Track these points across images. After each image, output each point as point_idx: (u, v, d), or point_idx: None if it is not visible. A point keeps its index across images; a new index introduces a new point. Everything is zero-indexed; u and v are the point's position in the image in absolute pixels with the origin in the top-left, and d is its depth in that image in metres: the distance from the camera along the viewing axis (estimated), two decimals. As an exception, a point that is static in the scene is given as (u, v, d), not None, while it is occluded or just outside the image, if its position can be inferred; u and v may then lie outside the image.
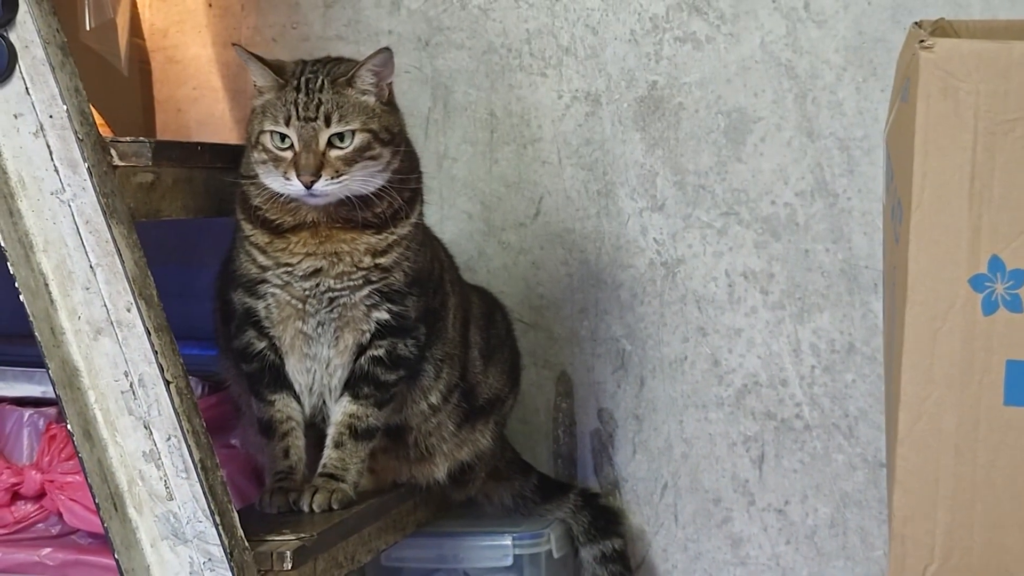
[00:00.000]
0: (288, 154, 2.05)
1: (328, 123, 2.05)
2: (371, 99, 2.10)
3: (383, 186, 2.09)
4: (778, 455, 2.61)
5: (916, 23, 2.00)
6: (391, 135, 2.10)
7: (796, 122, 2.57)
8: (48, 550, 2.23)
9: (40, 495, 2.25)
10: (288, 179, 2.04)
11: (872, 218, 2.54)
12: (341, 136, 2.06)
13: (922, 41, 1.81)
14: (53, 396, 2.17)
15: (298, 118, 2.05)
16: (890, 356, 2.01)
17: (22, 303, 1.87)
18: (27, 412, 2.26)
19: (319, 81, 2.08)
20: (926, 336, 1.83)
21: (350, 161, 2.05)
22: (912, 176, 1.82)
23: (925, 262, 1.82)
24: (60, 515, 2.25)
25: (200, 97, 2.79)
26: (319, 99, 2.06)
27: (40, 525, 2.27)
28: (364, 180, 2.07)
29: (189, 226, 2.41)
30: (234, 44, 2.18)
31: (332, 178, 2.04)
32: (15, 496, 2.25)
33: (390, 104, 2.12)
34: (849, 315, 2.57)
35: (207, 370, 2.35)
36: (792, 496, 2.60)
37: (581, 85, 2.64)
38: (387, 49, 2.09)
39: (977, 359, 1.82)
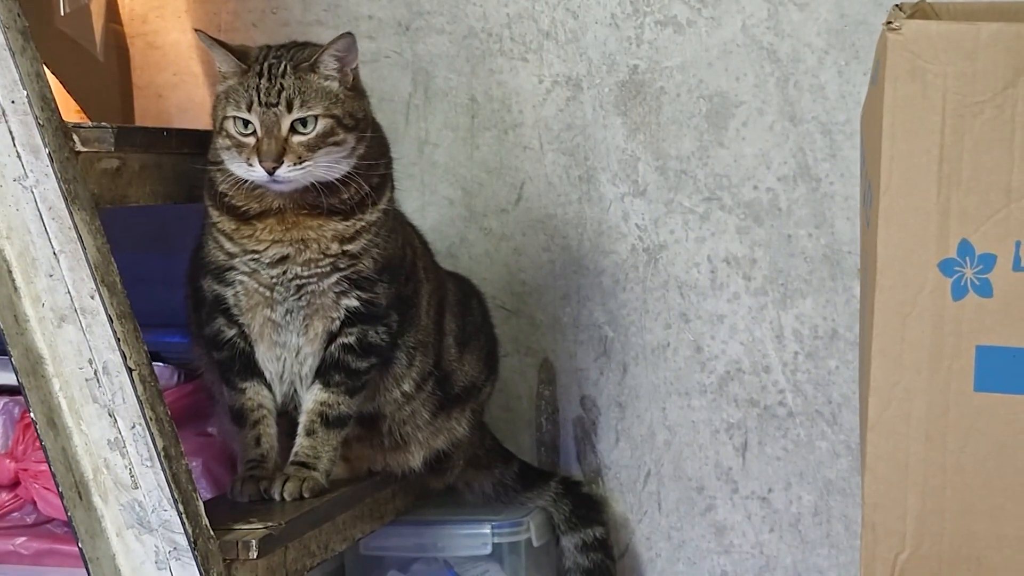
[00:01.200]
0: (251, 140, 2.04)
1: (290, 108, 2.03)
2: (335, 84, 2.08)
3: (349, 172, 2.07)
4: (761, 442, 2.59)
5: (897, 5, 1.98)
6: (355, 120, 2.08)
7: (778, 106, 2.54)
8: (23, 539, 2.23)
9: (15, 484, 2.25)
10: (251, 165, 2.03)
11: (854, 203, 2.52)
12: (304, 122, 2.04)
13: (890, 23, 1.79)
14: (25, 384, 2.17)
15: (260, 103, 2.04)
16: (863, 341, 1.99)
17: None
18: (1, 400, 2.25)
19: (282, 66, 2.06)
20: (895, 321, 1.81)
21: (312, 147, 2.04)
22: (880, 159, 1.80)
23: (894, 246, 1.80)
24: (35, 504, 2.24)
25: (180, 83, 2.78)
26: (281, 84, 2.04)
27: (15, 514, 2.26)
28: (328, 166, 2.05)
29: (168, 212, 2.40)
30: (196, 30, 2.17)
31: (294, 164, 2.02)
32: (-11, 485, 2.24)
33: (355, 89, 2.10)
34: (832, 301, 2.55)
35: (186, 358, 2.34)
36: (775, 484, 2.58)
37: (562, 70, 2.62)
38: (349, 34, 2.07)
39: (947, 344, 1.80)
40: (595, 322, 2.64)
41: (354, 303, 2.13)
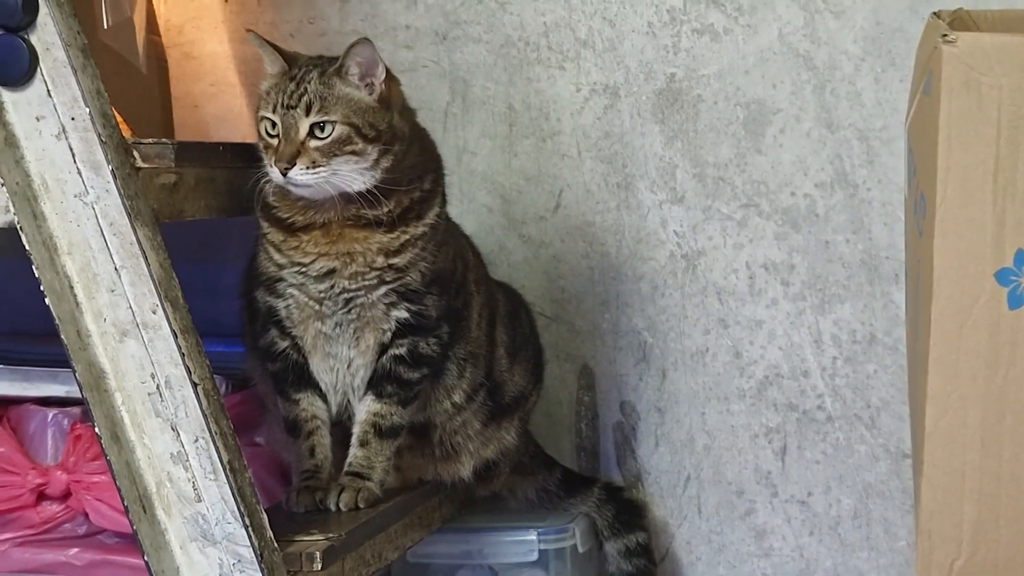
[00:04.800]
0: (275, 141, 2.06)
1: (308, 112, 2.05)
2: (359, 93, 2.09)
3: (377, 185, 2.07)
4: (800, 446, 2.61)
5: (935, 13, 1.99)
6: (376, 132, 2.08)
7: (815, 113, 2.56)
8: (75, 550, 2.23)
9: (66, 495, 2.26)
10: (271, 166, 2.05)
11: (892, 208, 2.54)
12: (322, 127, 2.05)
13: (945, 35, 1.81)
14: (77, 396, 2.17)
15: (282, 105, 2.06)
16: (914, 350, 2.01)
17: (43, 303, 1.87)
18: (51, 412, 2.27)
19: (312, 72, 2.08)
20: (951, 331, 1.83)
21: (328, 153, 2.04)
22: (936, 170, 1.82)
23: (950, 257, 1.82)
24: (86, 515, 2.26)
25: (217, 93, 2.79)
26: (305, 88, 2.06)
27: (66, 525, 2.27)
28: (348, 176, 2.05)
29: (209, 223, 2.42)
30: (249, 30, 2.19)
31: (307, 167, 2.03)
32: (41, 496, 2.25)
33: (383, 102, 2.10)
34: (870, 306, 2.57)
35: (231, 367, 2.35)
36: (815, 487, 2.60)
37: (599, 78, 2.64)
38: (365, 39, 2.08)
39: (1003, 353, 1.81)
40: (634, 328, 2.66)
41: (404, 314, 2.14)
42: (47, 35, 1.84)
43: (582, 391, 2.69)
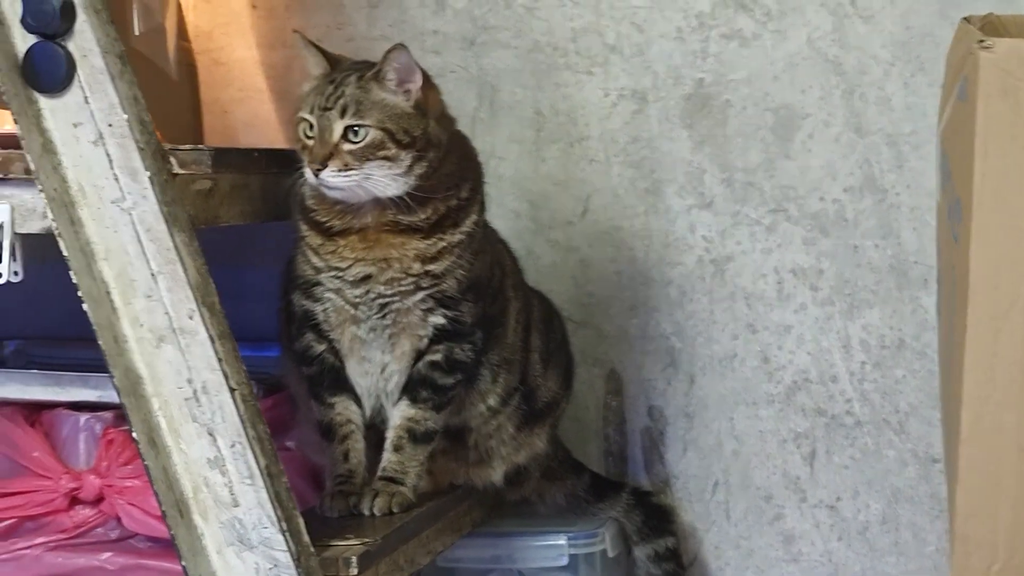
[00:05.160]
0: (311, 142, 2.07)
1: (343, 115, 2.06)
2: (395, 99, 2.09)
3: (412, 192, 2.07)
4: (829, 451, 2.61)
5: (965, 18, 1.99)
6: (411, 139, 2.08)
7: (844, 118, 2.57)
8: (108, 554, 2.24)
9: (99, 500, 2.26)
10: (306, 167, 2.06)
11: (921, 213, 2.54)
12: (356, 130, 2.06)
13: (981, 41, 1.81)
14: (109, 401, 2.19)
15: (319, 107, 2.07)
16: (948, 355, 2.01)
17: (75, 307, 1.88)
18: (83, 417, 2.27)
19: (351, 76, 2.09)
20: (988, 335, 1.83)
21: (360, 156, 2.05)
22: (972, 176, 1.82)
23: (986, 262, 1.82)
24: (119, 519, 2.26)
25: (246, 99, 2.80)
26: (342, 91, 2.08)
27: (99, 529, 2.27)
28: (381, 181, 2.06)
29: (238, 227, 2.42)
30: (295, 31, 2.22)
31: (340, 170, 2.04)
32: (74, 501, 2.25)
33: (419, 108, 2.10)
34: (899, 311, 2.57)
35: (261, 371, 2.35)
36: (844, 492, 2.61)
37: (628, 83, 2.65)
38: (401, 45, 2.08)
39: (1040, 358, 1.81)
40: (662, 333, 2.66)
41: (441, 320, 2.14)
42: (84, 42, 1.85)
43: (610, 396, 2.69)
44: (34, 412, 2.29)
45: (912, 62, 2.54)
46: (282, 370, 2.31)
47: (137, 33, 2.42)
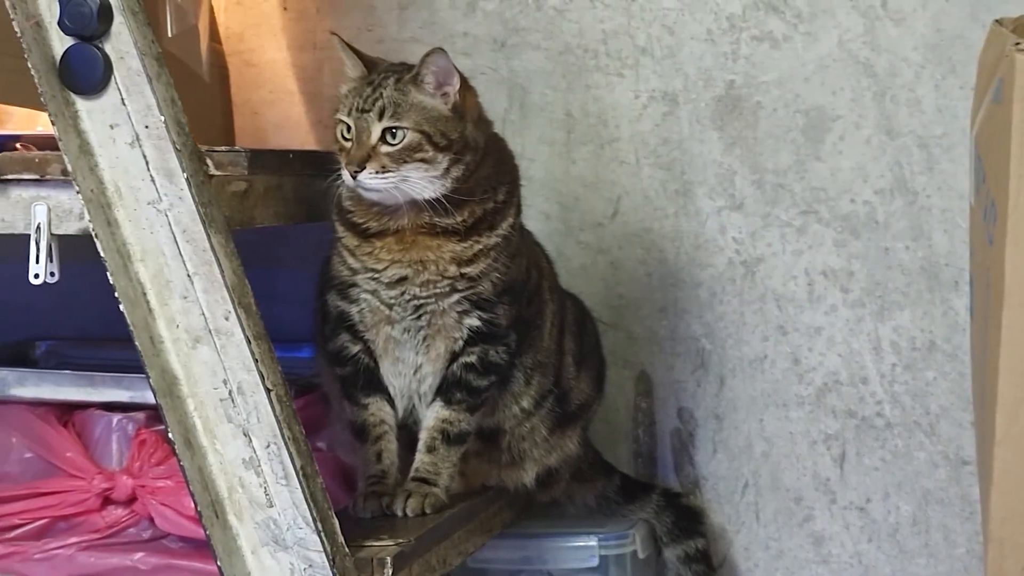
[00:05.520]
0: (348, 144, 2.08)
1: (381, 117, 2.07)
2: (433, 102, 2.10)
3: (448, 195, 2.08)
4: (859, 453, 2.61)
5: (997, 20, 1.99)
6: (448, 141, 2.08)
7: (875, 120, 2.56)
8: (140, 554, 2.24)
9: (131, 500, 2.27)
10: (343, 169, 2.07)
11: (952, 215, 2.54)
12: (393, 133, 2.06)
13: (1017, 43, 1.81)
14: (142, 401, 2.20)
15: (357, 109, 2.08)
16: (982, 357, 2.00)
17: (108, 308, 1.89)
18: (116, 417, 2.28)
19: (389, 78, 2.10)
20: (1023, 337, 1.82)
21: (398, 159, 2.06)
22: (1008, 178, 1.81)
23: (1022, 263, 1.82)
24: (151, 520, 2.26)
25: (276, 100, 2.81)
26: (380, 94, 2.08)
27: (131, 530, 2.28)
28: (419, 183, 2.06)
29: (269, 228, 2.43)
30: (332, 33, 2.21)
31: (377, 172, 2.05)
32: (106, 501, 2.26)
33: (457, 111, 2.11)
34: (930, 313, 2.57)
35: (292, 373, 2.36)
36: (874, 494, 2.61)
37: (658, 85, 2.65)
38: (439, 49, 2.09)
39: (1075, 360, 1.81)
40: (692, 335, 2.66)
41: (476, 323, 2.15)
42: (121, 44, 1.86)
43: (640, 397, 2.69)
44: (67, 412, 2.30)
45: (943, 64, 2.53)
46: (315, 370, 2.31)
47: (170, 35, 2.43)
